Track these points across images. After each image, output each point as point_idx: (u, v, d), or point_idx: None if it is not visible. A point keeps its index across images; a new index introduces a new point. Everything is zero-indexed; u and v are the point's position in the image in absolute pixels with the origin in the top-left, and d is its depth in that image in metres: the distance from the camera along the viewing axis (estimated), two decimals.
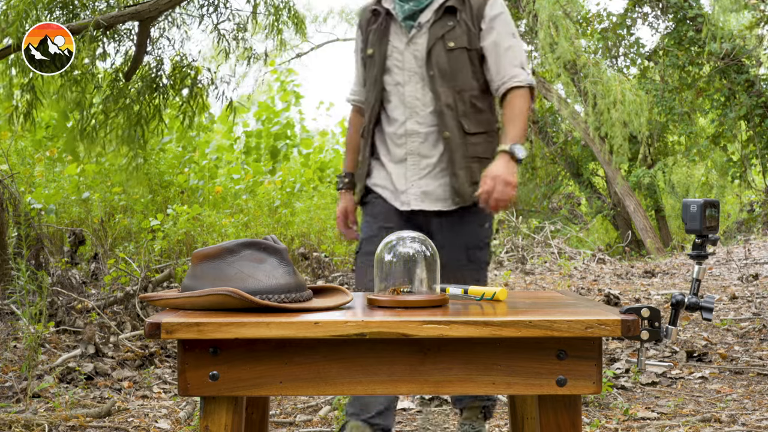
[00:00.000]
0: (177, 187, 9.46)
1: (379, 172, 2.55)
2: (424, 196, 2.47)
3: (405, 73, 2.48)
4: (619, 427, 2.98)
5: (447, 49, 2.44)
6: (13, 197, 5.43)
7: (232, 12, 5.86)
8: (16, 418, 2.89)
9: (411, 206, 2.48)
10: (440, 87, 2.43)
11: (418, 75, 2.46)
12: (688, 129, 12.48)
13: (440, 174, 2.47)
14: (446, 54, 2.44)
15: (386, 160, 2.53)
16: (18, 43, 4.49)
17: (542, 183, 13.89)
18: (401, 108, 2.48)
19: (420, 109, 2.46)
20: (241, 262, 1.43)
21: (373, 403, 2.46)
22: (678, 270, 8.34)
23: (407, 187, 2.48)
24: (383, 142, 2.54)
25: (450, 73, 2.44)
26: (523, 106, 2.44)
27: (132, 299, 4.85)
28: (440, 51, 2.44)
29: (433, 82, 2.43)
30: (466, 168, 2.43)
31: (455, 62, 2.44)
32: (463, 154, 2.43)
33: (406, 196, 2.48)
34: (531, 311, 1.38)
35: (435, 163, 2.46)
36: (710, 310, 1.41)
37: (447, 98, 2.43)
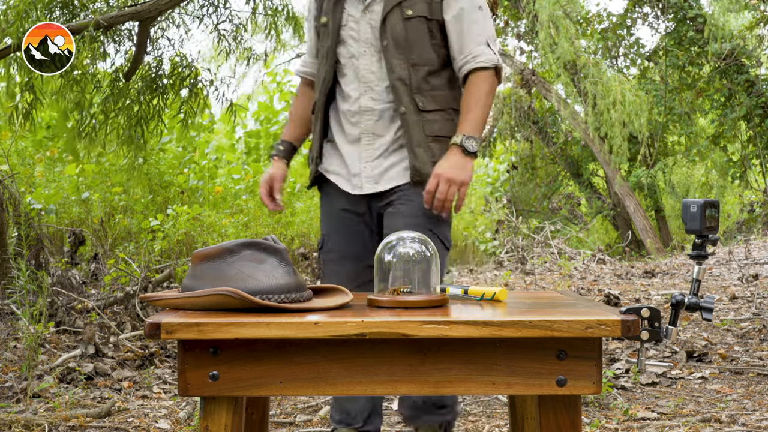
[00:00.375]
0: (177, 187, 9.47)
1: (332, 156, 2.36)
2: (378, 177, 2.28)
3: (360, 45, 2.27)
4: (619, 427, 2.98)
5: (404, 17, 2.22)
6: (13, 197, 5.43)
7: (232, 13, 5.87)
8: (16, 418, 2.89)
9: (363, 190, 2.29)
10: (394, 59, 2.23)
11: (374, 47, 2.26)
12: (688, 129, 12.48)
13: (396, 152, 2.28)
14: (403, 23, 2.22)
15: (340, 140, 2.33)
16: (18, 43, 4.49)
17: (542, 183, 13.89)
18: (355, 83, 2.28)
19: (375, 84, 2.26)
20: (242, 263, 1.43)
21: (357, 410, 2.35)
22: (678, 270, 8.34)
23: (360, 169, 2.29)
24: (337, 120, 2.34)
25: (405, 44, 2.23)
26: (485, 90, 2.24)
27: (132, 299, 4.85)
28: (397, 19, 2.22)
29: (387, 53, 2.23)
30: (426, 147, 2.24)
31: (412, 32, 2.23)
32: (421, 132, 2.24)
33: (359, 179, 2.29)
34: (531, 311, 1.38)
35: (390, 141, 2.28)
36: (710, 310, 1.41)
37: (401, 71, 2.23)
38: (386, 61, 2.23)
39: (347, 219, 2.33)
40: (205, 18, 5.88)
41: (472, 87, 2.24)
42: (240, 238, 1.52)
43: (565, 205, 13.24)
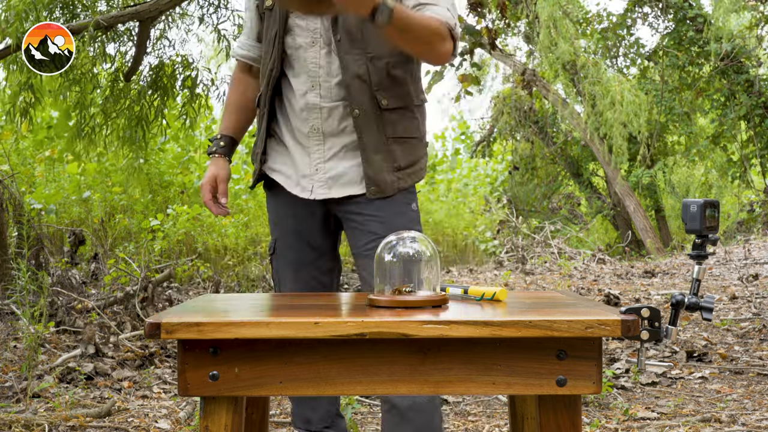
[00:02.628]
0: (177, 187, 9.47)
1: (278, 154, 2.13)
2: (331, 182, 2.05)
3: (307, 34, 2.03)
4: (619, 427, 2.98)
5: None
6: (13, 197, 5.43)
7: (233, 12, 5.87)
8: (16, 418, 2.89)
9: (314, 194, 2.06)
10: (348, 54, 1.99)
11: (323, 38, 2.01)
12: (688, 129, 12.48)
13: (349, 155, 2.05)
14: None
15: (287, 137, 2.10)
16: (18, 43, 4.49)
17: (542, 183, 13.90)
18: (303, 77, 2.04)
19: (323, 80, 2.02)
20: None
21: (318, 417, 2.21)
22: (678, 270, 8.34)
23: (311, 171, 2.06)
24: (284, 115, 2.10)
25: (361, 37, 1.98)
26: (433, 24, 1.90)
27: (132, 299, 4.85)
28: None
29: (340, 48, 1.99)
30: (385, 152, 2.01)
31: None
32: (379, 135, 2.01)
33: (309, 181, 2.06)
34: (531, 311, 1.38)
35: (343, 144, 2.05)
36: (710, 310, 1.41)
37: (357, 67, 1.99)
38: (339, 57, 1.99)
39: (298, 222, 2.12)
40: (205, 17, 5.88)
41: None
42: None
43: (565, 205, 13.24)
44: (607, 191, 13.35)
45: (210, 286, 6.33)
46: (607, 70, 11.20)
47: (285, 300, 1.69)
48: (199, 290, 6.46)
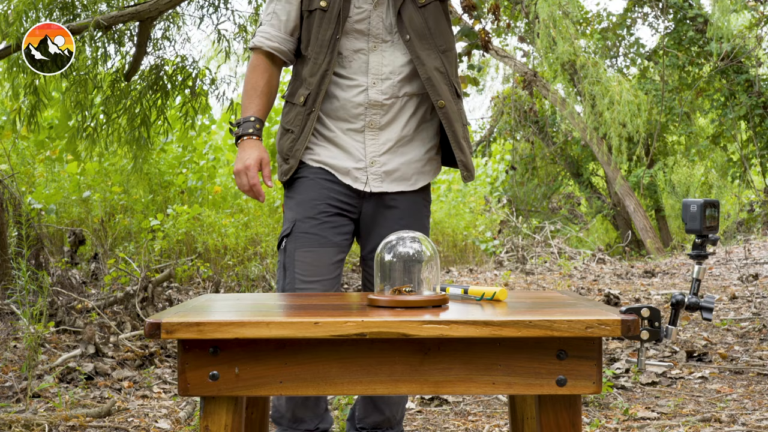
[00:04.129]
0: (177, 187, 9.47)
1: (322, 149, 2.18)
2: (384, 175, 2.16)
3: (370, 39, 2.13)
4: (619, 427, 2.98)
5: (419, 6, 2.11)
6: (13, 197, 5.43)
7: (233, 12, 5.87)
8: (16, 418, 2.89)
9: (369, 186, 2.15)
10: (422, 51, 2.11)
11: (387, 42, 2.13)
12: (688, 129, 12.49)
13: (401, 150, 2.17)
14: (419, 12, 2.11)
15: (338, 133, 2.16)
16: (18, 43, 4.49)
17: (542, 183, 13.89)
18: (362, 76, 2.13)
19: (385, 77, 2.13)
20: None
21: (311, 416, 2.24)
22: (678, 270, 8.34)
23: (365, 165, 2.15)
24: (332, 112, 2.17)
25: (428, 33, 2.12)
26: None
27: (132, 299, 4.85)
28: (412, 10, 2.10)
29: (412, 46, 2.10)
30: (467, 139, 2.18)
31: (431, 19, 2.13)
32: (460, 123, 2.16)
33: (364, 173, 2.15)
34: (531, 311, 1.38)
35: (396, 138, 2.15)
36: (710, 310, 1.41)
37: (434, 61, 2.12)
38: (414, 54, 2.10)
39: (332, 207, 2.15)
40: (205, 17, 5.88)
41: None
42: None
43: (565, 204, 13.24)
44: (607, 191, 13.35)
45: (210, 286, 6.33)
46: (607, 70, 11.20)
47: (285, 300, 1.69)
48: (199, 290, 6.46)
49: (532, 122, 13.09)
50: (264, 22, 2.21)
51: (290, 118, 2.20)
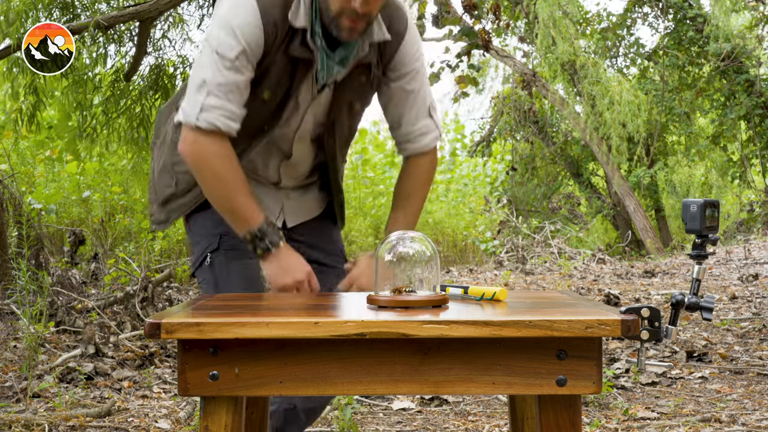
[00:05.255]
0: None
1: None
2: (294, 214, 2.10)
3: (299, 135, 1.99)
4: (619, 427, 2.98)
5: (352, 112, 2.01)
6: (13, 197, 5.43)
7: None
8: (16, 418, 2.89)
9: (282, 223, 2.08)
10: (340, 150, 2.05)
11: (309, 136, 2.00)
12: (688, 129, 12.49)
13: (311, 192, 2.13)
14: (349, 119, 2.01)
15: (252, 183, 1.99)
16: (18, 43, 4.49)
17: (542, 183, 13.90)
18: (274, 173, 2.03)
19: (300, 165, 2.04)
20: None
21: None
22: (678, 270, 8.34)
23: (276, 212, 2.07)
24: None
25: (349, 136, 2.07)
26: (430, 175, 2.07)
27: (132, 299, 4.85)
28: (345, 116, 1.99)
29: (332, 149, 2.03)
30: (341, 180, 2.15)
31: (355, 124, 2.05)
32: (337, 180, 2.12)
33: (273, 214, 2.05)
34: (531, 311, 1.38)
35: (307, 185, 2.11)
36: (710, 310, 1.41)
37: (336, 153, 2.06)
38: (331, 156, 2.03)
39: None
40: (205, 17, 5.88)
41: (418, 170, 2.04)
42: None
43: (565, 204, 13.25)
44: (607, 191, 13.35)
45: None
46: (607, 70, 11.20)
47: (285, 300, 1.69)
48: (199, 290, 6.46)
49: (532, 122, 13.10)
50: (219, 94, 1.82)
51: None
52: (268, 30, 1.82)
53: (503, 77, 13.44)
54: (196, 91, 1.83)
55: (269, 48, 1.84)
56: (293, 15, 1.83)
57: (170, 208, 2.04)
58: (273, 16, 1.82)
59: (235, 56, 1.81)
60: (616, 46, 12.91)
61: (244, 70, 1.83)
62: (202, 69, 1.84)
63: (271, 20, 1.82)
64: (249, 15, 1.81)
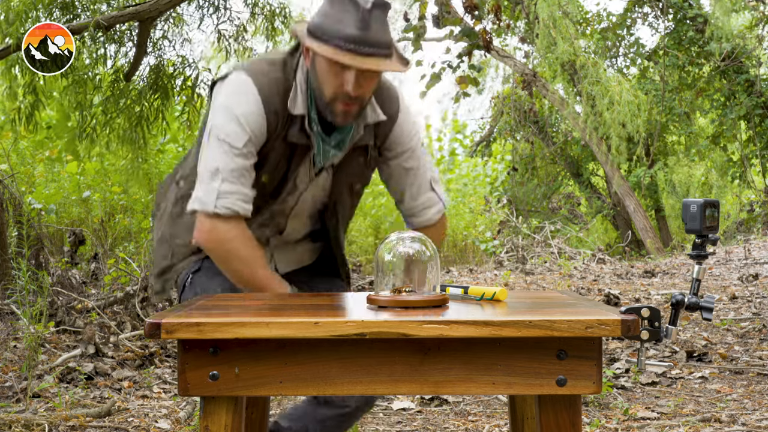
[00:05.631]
0: None
1: None
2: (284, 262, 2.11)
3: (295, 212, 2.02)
4: (619, 427, 2.98)
5: (353, 193, 2.04)
6: (13, 197, 5.43)
7: (232, 14, 5.87)
8: (16, 418, 2.89)
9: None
10: (337, 229, 2.08)
11: (306, 213, 2.03)
12: (688, 129, 12.49)
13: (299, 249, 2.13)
14: (351, 198, 2.04)
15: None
16: (18, 43, 4.49)
17: (542, 183, 13.89)
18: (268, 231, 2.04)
19: (292, 235, 2.07)
20: None
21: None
22: (678, 270, 8.34)
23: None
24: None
25: (351, 214, 2.10)
26: (437, 242, 2.03)
27: (132, 299, 4.85)
28: (346, 196, 2.03)
29: (336, 228, 2.06)
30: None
31: (356, 200, 2.08)
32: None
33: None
34: (531, 311, 1.38)
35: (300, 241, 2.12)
36: (710, 310, 1.41)
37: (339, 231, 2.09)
38: (329, 229, 2.06)
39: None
40: (205, 18, 5.88)
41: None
42: None
43: (565, 204, 13.25)
44: (607, 191, 13.35)
45: None
46: (607, 70, 11.20)
47: (285, 300, 1.69)
48: None
49: (532, 122, 13.09)
50: (232, 179, 1.85)
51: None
52: (270, 118, 1.87)
53: (503, 77, 13.44)
54: (210, 179, 1.86)
55: (270, 134, 1.88)
56: (292, 103, 1.87)
57: (165, 278, 2.07)
58: (274, 104, 1.87)
59: (243, 144, 1.85)
60: (616, 46, 12.90)
61: (250, 155, 1.87)
62: (212, 158, 1.87)
63: (272, 108, 1.87)
64: (252, 104, 1.86)
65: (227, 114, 1.86)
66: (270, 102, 1.87)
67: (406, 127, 2.02)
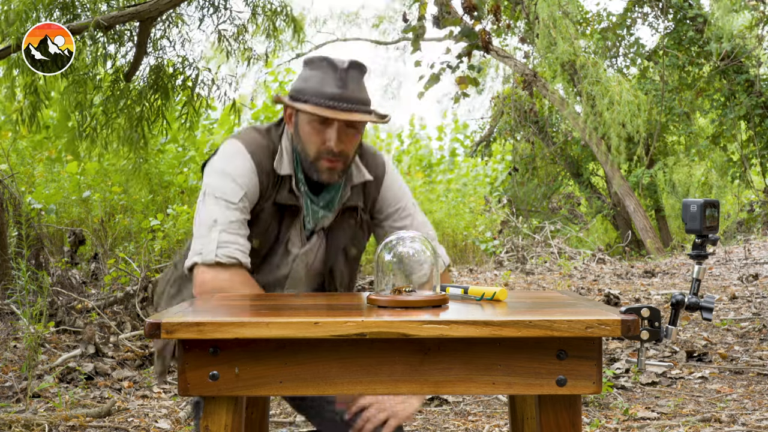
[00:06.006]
0: (177, 187, 9.47)
1: None
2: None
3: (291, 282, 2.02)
4: (619, 427, 2.98)
5: (349, 258, 2.04)
6: (13, 197, 5.43)
7: (232, 14, 5.87)
8: (16, 418, 2.89)
9: None
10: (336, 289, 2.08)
11: (303, 284, 2.03)
12: (688, 129, 12.49)
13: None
14: (347, 265, 2.05)
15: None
16: (18, 43, 4.49)
17: (542, 183, 13.90)
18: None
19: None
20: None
21: None
22: (678, 270, 8.34)
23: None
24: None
25: (350, 282, 2.10)
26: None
27: (132, 299, 4.85)
28: (342, 262, 2.03)
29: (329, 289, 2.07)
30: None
31: (353, 268, 2.08)
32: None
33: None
34: (531, 311, 1.38)
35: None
36: (710, 310, 1.41)
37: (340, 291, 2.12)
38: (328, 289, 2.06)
39: None
40: (205, 18, 5.88)
41: None
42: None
43: (565, 204, 13.25)
44: (607, 191, 13.35)
45: None
46: (607, 70, 11.20)
47: (285, 300, 1.69)
48: None
49: (532, 122, 13.10)
50: (231, 230, 1.86)
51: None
52: (262, 178, 1.92)
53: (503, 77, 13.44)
54: (208, 232, 1.86)
55: (262, 194, 1.93)
56: (278, 163, 1.94)
57: (163, 357, 2.06)
58: (264, 166, 1.93)
59: (239, 199, 1.90)
60: (616, 46, 12.90)
61: (246, 211, 1.91)
62: (209, 213, 1.89)
63: (263, 170, 1.93)
64: (245, 163, 1.92)
65: (221, 174, 1.91)
66: (261, 163, 1.93)
67: (394, 188, 2.06)
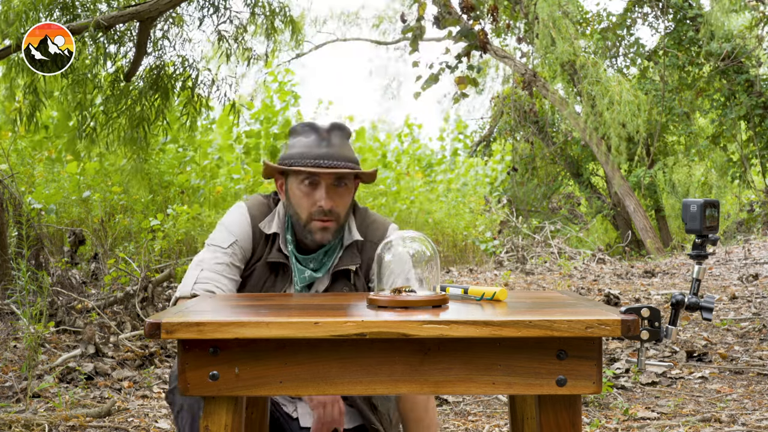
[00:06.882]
0: (177, 187, 9.48)
1: None
2: None
3: None
4: (619, 427, 2.98)
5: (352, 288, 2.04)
6: (13, 197, 5.43)
7: (232, 14, 5.87)
8: (16, 418, 2.89)
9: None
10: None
11: None
12: (688, 129, 12.48)
13: None
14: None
15: None
16: (18, 43, 4.49)
17: (542, 183, 13.89)
18: None
19: None
20: None
21: None
22: (678, 270, 8.34)
23: None
24: None
25: None
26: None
27: (132, 299, 4.85)
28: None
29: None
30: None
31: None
32: None
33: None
34: (531, 311, 1.38)
35: None
36: (710, 310, 1.41)
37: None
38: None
39: None
40: (205, 18, 5.88)
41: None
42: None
43: (565, 204, 13.25)
44: (607, 191, 13.35)
45: None
46: (607, 70, 11.20)
47: (285, 300, 1.69)
48: None
49: (532, 122, 13.09)
50: (214, 269, 1.97)
51: None
52: (256, 233, 2.02)
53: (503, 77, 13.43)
54: (192, 270, 1.99)
55: (255, 248, 2.02)
56: (265, 224, 2.02)
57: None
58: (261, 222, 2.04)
59: (228, 245, 2.01)
60: (616, 46, 12.90)
61: (235, 258, 2.00)
62: (199, 257, 2.02)
63: (258, 227, 2.03)
64: (240, 217, 2.03)
65: (219, 226, 2.06)
66: (256, 218, 2.04)
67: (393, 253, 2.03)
